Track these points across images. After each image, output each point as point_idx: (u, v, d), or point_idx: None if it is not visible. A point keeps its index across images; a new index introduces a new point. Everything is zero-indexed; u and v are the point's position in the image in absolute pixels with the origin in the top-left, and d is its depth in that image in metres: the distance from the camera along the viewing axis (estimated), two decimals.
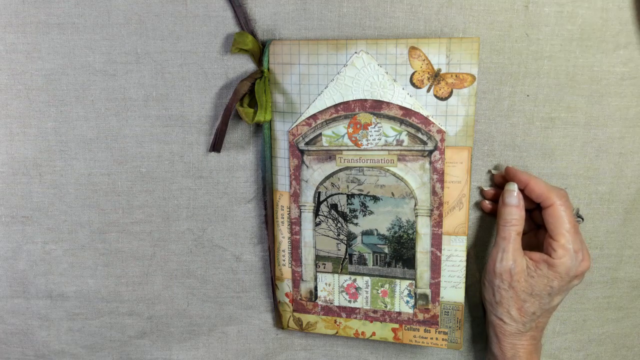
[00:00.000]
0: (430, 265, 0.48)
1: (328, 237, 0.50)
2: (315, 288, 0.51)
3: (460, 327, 0.49)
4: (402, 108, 0.45)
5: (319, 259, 0.50)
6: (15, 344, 0.57)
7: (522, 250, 0.45)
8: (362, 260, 0.50)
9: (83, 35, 0.48)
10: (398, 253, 0.49)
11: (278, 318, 0.54)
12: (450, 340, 0.50)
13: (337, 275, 0.51)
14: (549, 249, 0.44)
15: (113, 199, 0.52)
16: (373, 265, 0.50)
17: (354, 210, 0.49)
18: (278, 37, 0.47)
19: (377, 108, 0.46)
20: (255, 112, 0.46)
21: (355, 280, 0.50)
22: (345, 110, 0.46)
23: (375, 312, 0.50)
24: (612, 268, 0.52)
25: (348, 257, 0.50)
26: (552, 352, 0.54)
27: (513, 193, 0.46)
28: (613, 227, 0.50)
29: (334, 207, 0.49)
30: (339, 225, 0.49)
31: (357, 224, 0.49)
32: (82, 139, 0.51)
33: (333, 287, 0.51)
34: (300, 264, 0.51)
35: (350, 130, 0.47)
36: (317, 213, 0.49)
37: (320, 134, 0.47)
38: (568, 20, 0.45)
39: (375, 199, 0.48)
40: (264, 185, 0.50)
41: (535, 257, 0.45)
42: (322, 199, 0.49)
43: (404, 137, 0.46)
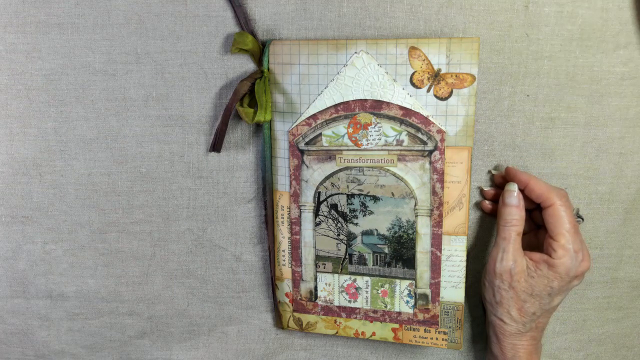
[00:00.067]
0: (430, 265, 0.48)
1: (328, 237, 0.50)
2: (315, 288, 0.51)
3: (460, 327, 0.49)
4: (402, 108, 0.45)
5: (319, 259, 0.50)
6: (15, 344, 0.57)
7: (522, 251, 0.45)
8: (362, 260, 0.50)
9: (83, 35, 0.48)
10: (398, 253, 0.49)
11: (278, 318, 0.54)
12: (450, 340, 0.50)
13: (337, 275, 0.51)
14: (549, 249, 0.44)
15: (113, 199, 0.52)
16: (373, 265, 0.50)
17: (354, 210, 0.49)
18: (278, 37, 0.47)
19: (377, 108, 0.46)
20: (255, 112, 0.46)
21: (355, 280, 0.50)
22: (345, 110, 0.46)
23: (375, 312, 0.50)
24: (612, 268, 0.52)
25: (348, 257, 0.50)
26: (552, 352, 0.54)
27: (513, 193, 0.46)
28: (613, 227, 0.50)
29: (334, 207, 0.49)
30: (339, 225, 0.49)
31: (357, 224, 0.49)
32: (82, 139, 0.51)
33: (333, 287, 0.51)
34: (300, 264, 0.51)
35: (350, 130, 0.47)
36: (317, 213, 0.49)
37: (320, 134, 0.47)
38: (568, 20, 0.45)
39: (375, 199, 0.48)
40: (264, 185, 0.50)
41: (536, 257, 0.45)
42: (322, 199, 0.49)
43: (404, 137, 0.46)
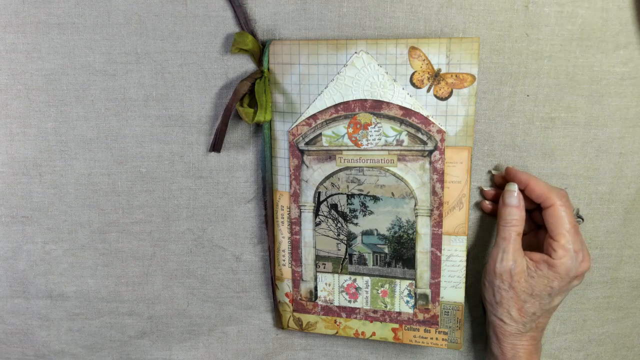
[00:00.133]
0: (430, 265, 0.48)
1: (328, 237, 0.50)
2: (315, 288, 0.51)
3: (460, 327, 0.49)
4: (402, 108, 0.45)
5: (319, 259, 0.50)
6: (15, 344, 0.57)
7: (522, 251, 0.45)
8: (362, 260, 0.50)
9: (83, 35, 0.48)
10: (398, 253, 0.49)
11: (278, 318, 0.54)
12: (450, 340, 0.50)
13: (337, 275, 0.51)
14: (549, 250, 0.44)
15: (113, 199, 0.52)
16: (373, 265, 0.50)
17: (354, 210, 0.49)
18: (278, 37, 0.47)
19: (377, 108, 0.46)
20: (255, 112, 0.46)
21: (355, 280, 0.50)
22: (345, 110, 0.46)
23: (375, 312, 0.50)
24: (612, 268, 0.52)
25: (348, 257, 0.50)
26: (552, 352, 0.54)
27: (513, 193, 0.46)
28: (613, 227, 0.50)
29: (334, 207, 0.49)
30: (339, 225, 0.49)
31: (357, 224, 0.49)
32: (82, 139, 0.51)
33: (333, 287, 0.51)
34: (300, 264, 0.51)
35: (350, 130, 0.47)
36: (317, 213, 0.49)
37: (320, 134, 0.47)
38: (568, 20, 0.45)
39: (375, 199, 0.48)
40: (264, 185, 0.50)
41: (536, 257, 0.45)
42: (322, 199, 0.49)
43: (404, 137, 0.46)
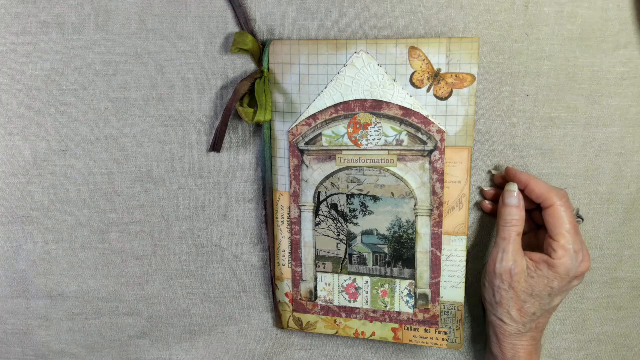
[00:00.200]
0: (430, 265, 0.48)
1: (328, 237, 0.50)
2: (315, 288, 0.51)
3: (460, 327, 0.49)
4: (402, 108, 0.45)
5: (319, 259, 0.50)
6: (15, 344, 0.57)
7: (522, 251, 0.45)
8: (362, 260, 0.50)
9: (83, 35, 0.48)
10: (398, 253, 0.49)
11: (278, 318, 0.54)
12: (450, 340, 0.50)
13: (337, 275, 0.51)
14: (549, 250, 0.44)
15: (113, 199, 0.52)
16: (373, 265, 0.50)
17: (354, 210, 0.49)
18: (278, 37, 0.47)
19: (377, 108, 0.46)
20: (255, 112, 0.46)
21: (355, 280, 0.50)
22: (345, 110, 0.46)
23: (375, 312, 0.50)
24: (612, 268, 0.52)
25: (348, 257, 0.50)
26: (552, 352, 0.54)
27: (513, 194, 0.46)
28: (613, 227, 0.50)
29: (334, 207, 0.49)
30: (339, 225, 0.49)
31: (357, 224, 0.49)
32: (82, 139, 0.51)
33: (333, 287, 0.51)
34: (300, 264, 0.51)
35: (350, 130, 0.47)
36: (317, 213, 0.49)
37: (320, 134, 0.47)
38: (568, 20, 0.45)
39: (375, 199, 0.48)
40: (264, 185, 0.50)
41: (536, 257, 0.45)
42: (322, 199, 0.49)
43: (404, 137, 0.46)
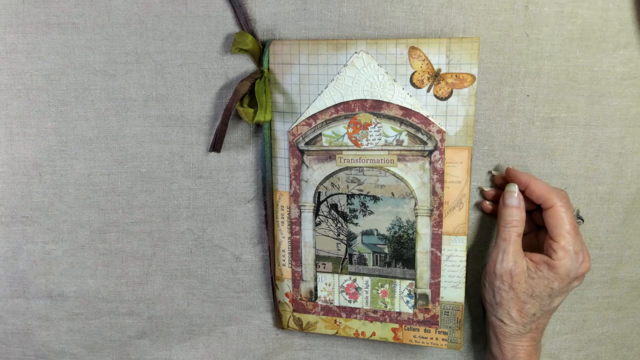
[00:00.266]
0: (430, 265, 0.48)
1: (328, 237, 0.50)
2: (315, 288, 0.51)
3: (460, 327, 0.49)
4: (402, 108, 0.45)
5: (319, 259, 0.50)
6: (15, 344, 0.57)
7: (522, 252, 0.45)
8: (362, 260, 0.50)
9: (83, 35, 0.48)
10: (398, 253, 0.49)
11: (278, 318, 0.54)
12: (450, 340, 0.50)
13: (337, 275, 0.51)
14: (550, 250, 0.44)
15: (113, 199, 0.52)
16: (373, 265, 0.50)
17: (354, 210, 0.49)
18: (278, 37, 0.47)
19: (377, 108, 0.46)
20: (255, 112, 0.46)
21: (355, 280, 0.50)
22: (345, 110, 0.46)
23: (375, 312, 0.50)
24: (612, 268, 0.52)
25: (348, 257, 0.50)
26: (552, 352, 0.54)
27: (513, 194, 0.45)
28: (613, 227, 0.50)
29: (334, 207, 0.49)
30: (339, 225, 0.49)
31: (357, 224, 0.49)
32: (82, 139, 0.51)
33: (333, 287, 0.51)
34: (300, 264, 0.51)
35: (350, 130, 0.47)
36: (317, 213, 0.49)
37: (320, 134, 0.47)
38: (568, 20, 0.45)
39: (375, 199, 0.48)
40: (264, 185, 0.50)
41: (536, 258, 0.45)
42: (322, 199, 0.49)
43: (404, 137, 0.46)
